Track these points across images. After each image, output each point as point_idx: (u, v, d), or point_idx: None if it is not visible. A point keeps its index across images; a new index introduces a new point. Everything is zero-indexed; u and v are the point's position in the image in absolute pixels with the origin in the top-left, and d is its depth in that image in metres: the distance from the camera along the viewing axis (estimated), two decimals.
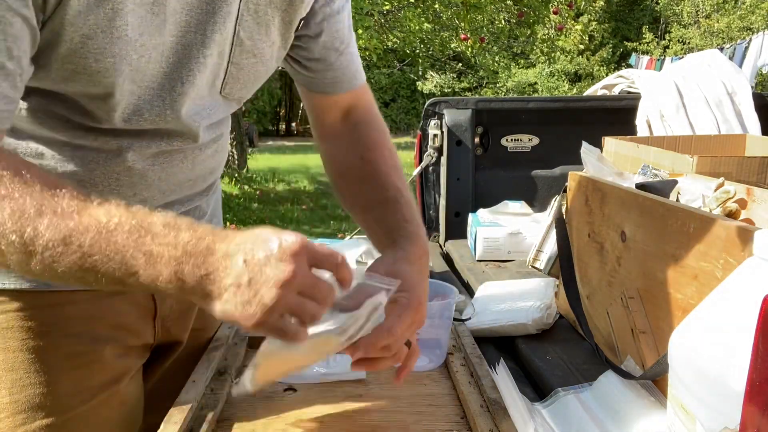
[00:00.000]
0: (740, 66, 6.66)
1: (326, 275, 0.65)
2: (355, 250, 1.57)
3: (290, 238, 0.61)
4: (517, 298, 1.32)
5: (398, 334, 0.74)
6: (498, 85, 16.97)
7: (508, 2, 7.15)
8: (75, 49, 0.67)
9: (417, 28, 7.21)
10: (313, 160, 11.62)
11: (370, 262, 1.54)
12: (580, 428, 0.89)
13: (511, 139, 2.36)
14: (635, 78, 2.66)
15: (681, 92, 2.37)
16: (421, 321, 0.80)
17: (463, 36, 6.93)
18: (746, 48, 7.17)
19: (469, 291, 1.70)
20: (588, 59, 15.89)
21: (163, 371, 1.03)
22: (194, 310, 1.03)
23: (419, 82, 17.20)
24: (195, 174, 0.90)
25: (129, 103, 0.75)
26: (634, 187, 1.11)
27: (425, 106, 2.34)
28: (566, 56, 15.24)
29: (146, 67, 0.72)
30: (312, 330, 0.64)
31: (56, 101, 0.74)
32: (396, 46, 7.69)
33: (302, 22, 0.87)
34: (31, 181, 0.61)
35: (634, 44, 14.90)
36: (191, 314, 1.03)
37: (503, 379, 0.93)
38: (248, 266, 0.60)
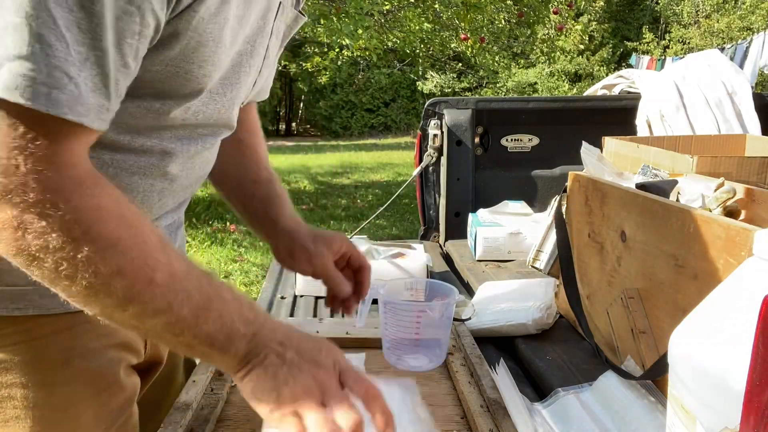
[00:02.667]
0: (741, 66, 6.66)
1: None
2: (366, 245, 1.57)
3: (333, 350, 0.67)
4: (517, 298, 1.32)
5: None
6: (498, 85, 16.96)
7: (508, 2, 7.14)
8: (186, 54, 0.65)
9: (417, 28, 7.21)
10: (313, 160, 11.62)
11: (370, 262, 1.54)
12: (579, 428, 0.89)
13: (511, 139, 2.37)
14: (635, 78, 2.66)
15: (681, 92, 2.38)
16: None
17: (463, 36, 6.92)
18: (747, 48, 7.17)
19: (469, 291, 1.70)
20: (588, 59, 15.88)
21: (145, 392, 0.99)
22: None
23: (419, 82, 17.19)
24: (198, 176, 0.89)
25: (206, 108, 0.75)
26: (634, 187, 1.11)
27: (425, 106, 2.34)
28: (566, 56, 15.23)
29: (226, 76, 0.74)
30: None
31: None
32: (396, 46, 7.68)
33: None
34: (142, 229, 0.60)
35: (634, 44, 14.89)
36: None
37: (503, 379, 0.93)
38: (292, 356, 0.65)
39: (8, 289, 0.71)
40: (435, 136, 2.29)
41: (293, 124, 20.49)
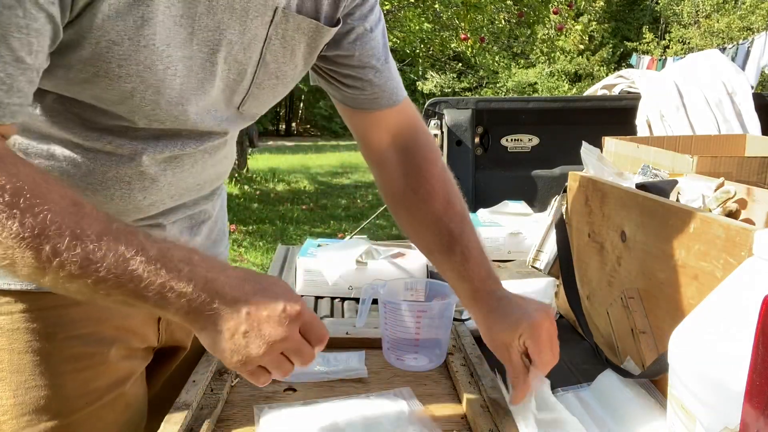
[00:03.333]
0: (743, 66, 6.66)
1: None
2: (355, 250, 1.57)
3: (294, 305, 0.67)
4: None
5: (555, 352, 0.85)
6: (498, 85, 16.96)
7: (508, 2, 7.14)
8: (100, 53, 0.66)
9: (417, 28, 7.21)
10: (313, 160, 11.62)
11: (369, 261, 1.54)
12: (577, 427, 0.89)
13: (511, 139, 2.37)
14: (635, 78, 2.66)
15: (681, 92, 2.38)
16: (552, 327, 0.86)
17: (463, 36, 6.92)
18: (749, 48, 7.17)
19: None
20: (588, 59, 15.88)
21: (168, 376, 1.03)
22: None
23: (419, 82, 17.20)
24: (203, 179, 0.91)
25: (149, 110, 0.75)
26: (634, 187, 1.11)
27: (425, 106, 2.34)
28: (566, 56, 15.24)
29: (172, 78, 0.73)
30: None
31: (73, 102, 0.73)
32: (396, 46, 7.68)
33: (332, 42, 0.89)
34: (52, 196, 0.60)
35: (634, 44, 14.90)
36: None
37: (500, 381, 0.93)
38: (249, 319, 0.65)
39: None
40: (435, 136, 2.29)
41: (293, 124, 20.49)
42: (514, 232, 1.86)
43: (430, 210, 0.95)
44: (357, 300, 1.47)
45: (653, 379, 0.95)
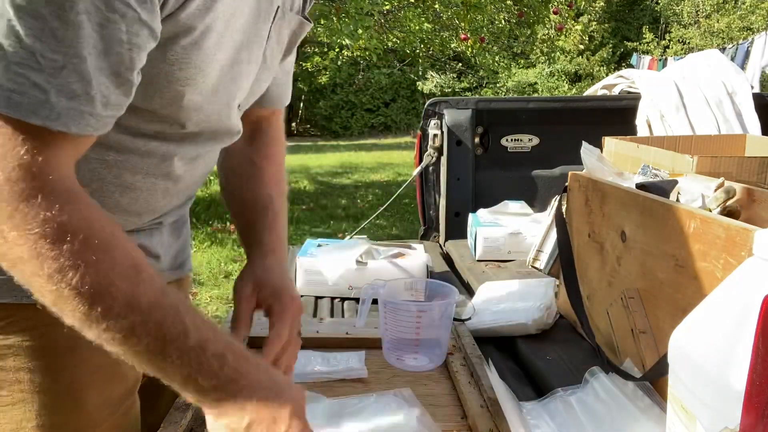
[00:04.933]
0: (743, 66, 6.66)
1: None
2: (355, 250, 1.58)
3: (297, 428, 0.68)
4: (517, 298, 1.32)
5: (285, 335, 0.85)
6: (498, 85, 16.95)
7: (508, 2, 7.14)
8: (166, 56, 0.67)
9: (417, 28, 7.20)
10: (313, 160, 11.62)
11: (369, 261, 1.54)
12: (577, 427, 0.89)
13: (511, 139, 2.36)
14: (635, 78, 2.66)
15: (681, 92, 2.38)
16: (298, 309, 0.89)
17: (463, 36, 6.92)
18: (749, 48, 7.17)
19: (469, 291, 1.70)
20: (588, 59, 15.87)
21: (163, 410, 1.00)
22: None
23: (419, 82, 17.19)
24: (202, 178, 0.92)
25: (192, 113, 0.76)
26: (634, 187, 1.11)
27: (425, 106, 2.34)
28: (566, 56, 15.23)
29: (218, 81, 0.75)
30: None
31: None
32: (396, 46, 7.68)
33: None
34: (116, 253, 0.61)
35: (635, 44, 14.88)
36: None
37: (494, 379, 0.93)
38: (248, 429, 0.67)
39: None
40: (435, 136, 2.29)
41: (293, 124, 20.49)
42: (514, 232, 1.86)
43: (257, 185, 0.99)
44: (357, 300, 1.48)
45: (653, 380, 0.95)
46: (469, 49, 7.41)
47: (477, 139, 2.33)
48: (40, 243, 0.56)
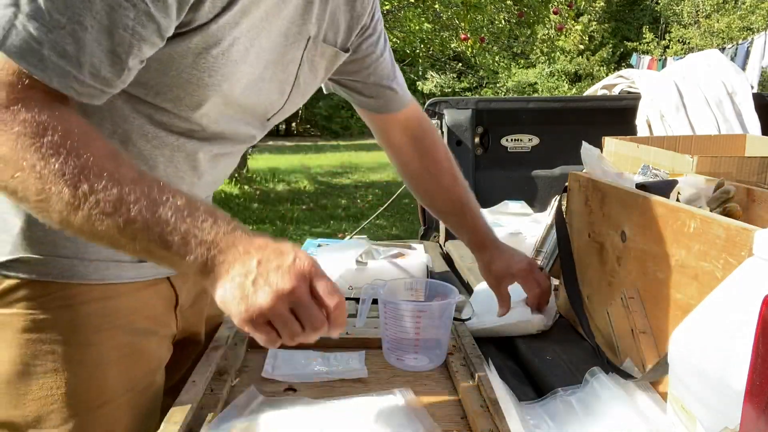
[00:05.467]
0: (743, 66, 6.65)
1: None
2: (356, 250, 1.58)
3: (304, 259, 0.68)
4: (516, 298, 1.32)
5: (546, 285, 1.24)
6: (498, 85, 16.96)
7: (508, 2, 7.14)
8: (197, 63, 0.76)
9: (417, 28, 7.21)
10: (314, 160, 11.62)
11: (369, 261, 1.54)
12: (578, 427, 0.89)
13: (511, 139, 2.36)
14: (635, 78, 2.66)
15: (681, 92, 2.38)
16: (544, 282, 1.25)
17: (463, 36, 6.92)
18: (749, 48, 7.17)
19: (469, 291, 1.70)
20: (588, 59, 15.88)
21: (182, 372, 1.07)
22: (205, 296, 1.08)
23: (419, 82, 17.20)
24: (222, 177, 1.02)
25: (217, 116, 0.86)
26: (634, 187, 1.11)
27: (425, 106, 2.34)
28: (566, 56, 15.24)
29: (241, 91, 0.85)
30: None
31: (145, 103, 0.80)
32: (396, 46, 7.68)
33: (352, 68, 1.08)
34: (96, 144, 0.66)
35: (634, 44, 14.89)
36: (204, 300, 1.10)
37: (494, 379, 0.93)
38: (258, 268, 0.66)
39: (58, 260, 0.82)
40: None
41: (293, 124, 20.48)
42: (514, 232, 1.85)
43: (441, 184, 1.24)
44: (357, 300, 1.47)
45: (654, 381, 0.95)
46: (469, 49, 7.41)
47: (477, 139, 2.33)
48: (21, 139, 0.63)
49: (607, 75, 9.47)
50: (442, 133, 2.28)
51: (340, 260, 1.54)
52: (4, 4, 0.62)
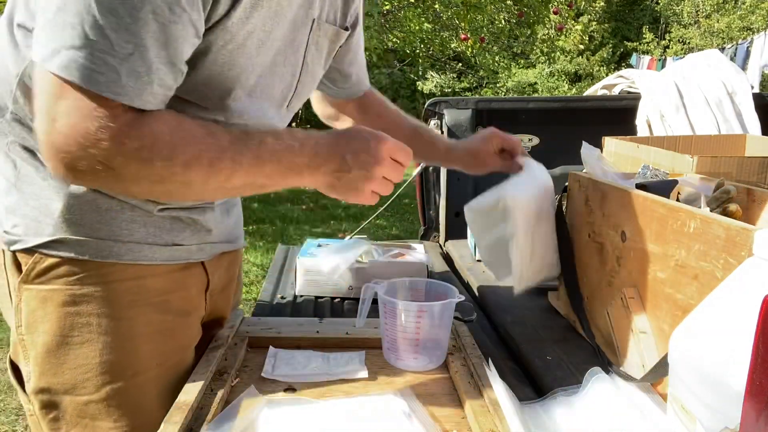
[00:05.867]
0: (743, 66, 6.65)
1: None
2: (355, 250, 1.57)
3: (378, 139, 0.88)
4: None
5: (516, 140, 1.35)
6: (498, 85, 16.94)
7: (508, 2, 7.13)
8: (216, 59, 0.82)
9: (417, 28, 7.20)
10: None
11: (369, 261, 1.54)
12: (578, 427, 0.89)
13: None
14: (635, 78, 2.66)
15: (681, 92, 2.37)
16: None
17: (463, 36, 6.92)
18: (748, 48, 7.16)
19: (469, 291, 1.70)
20: (588, 59, 15.86)
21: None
22: (233, 280, 1.16)
23: (419, 82, 17.18)
24: None
25: (238, 105, 0.90)
26: (634, 187, 1.11)
27: (425, 106, 2.34)
28: (566, 56, 15.23)
29: (251, 79, 0.89)
30: None
31: (176, 100, 0.85)
32: (396, 46, 7.68)
33: (339, 51, 1.10)
34: (189, 129, 0.78)
35: (634, 44, 14.88)
36: (232, 287, 1.16)
37: (494, 379, 0.93)
38: (352, 161, 0.86)
39: (94, 241, 0.89)
40: None
41: (293, 124, 20.47)
42: None
43: (390, 120, 1.32)
44: (357, 300, 1.48)
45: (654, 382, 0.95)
46: (469, 49, 7.41)
47: None
48: (155, 165, 0.75)
49: (607, 75, 9.47)
50: (442, 133, 2.28)
51: (340, 260, 1.54)
52: (77, 45, 0.69)
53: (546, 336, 1.26)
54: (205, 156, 0.77)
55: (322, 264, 1.55)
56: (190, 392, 0.88)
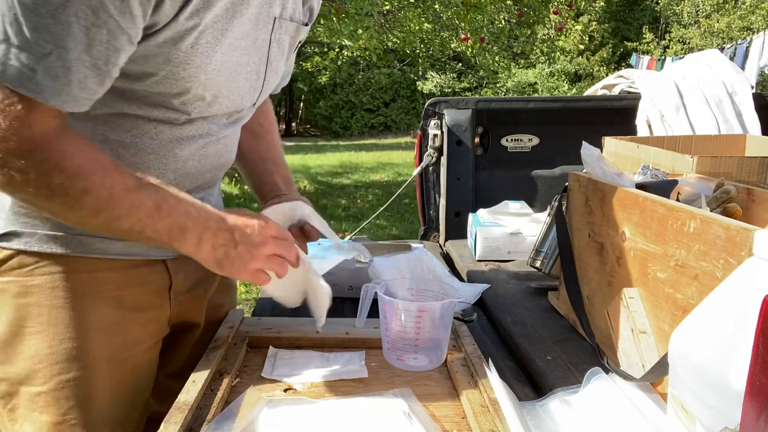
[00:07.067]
0: (742, 66, 6.65)
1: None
2: (353, 251, 1.57)
3: (264, 221, 0.89)
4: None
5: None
6: (498, 85, 16.96)
7: (508, 2, 7.13)
8: (170, 58, 0.83)
9: (417, 28, 7.20)
10: (313, 160, 11.62)
11: (369, 261, 1.54)
12: (578, 427, 0.89)
13: (511, 139, 2.37)
14: (635, 78, 2.66)
15: (681, 92, 2.38)
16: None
17: (463, 36, 6.92)
18: (748, 48, 7.17)
19: None
20: (588, 59, 15.88)
21: (184, 356, 1.13)
22: (205, 284, 1.13)
23: (419, 82, 17.20)
24: (214, 166, 1.04)
25: (198, 104, 0.91)
26: (634, 187, 1.11)
27: (425, 106, 2.34)
28: (566, 56, 15.24)
29: (217, 78, 0.89)
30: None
31: (129, 102, 0.88)
32: (396, 46, 7.68)
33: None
34: (98, 159, 0.79)
35: (634, 44, 14.89)
36: (202, 289, 1.13)
37: (494, 379, 0.93)
38: (239, 236, 0.87)
39: (45, 234, 0.91)
40: (435, 136, 2.29)
41: (293, 124, 20.48)
42: (514, 232, 1.86)
43: (270, 141, 1.24)
44: (357, 300, 1.48)
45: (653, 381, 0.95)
46: (469, 49, 7.41)
47: (477, 139, 2.33)
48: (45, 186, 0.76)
49: (607, 75, 9.47)
50: (442, 133, 2.28)
51: (340, 260, 1.54)
52: None
53: (546, 336, 1.26)
54: (106, 188, 0.78)
55: (322, 264, 1.55)
56: (190, 392, 0.88)
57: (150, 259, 1.00)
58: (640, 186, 1.11)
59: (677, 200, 1.15)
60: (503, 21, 7.95)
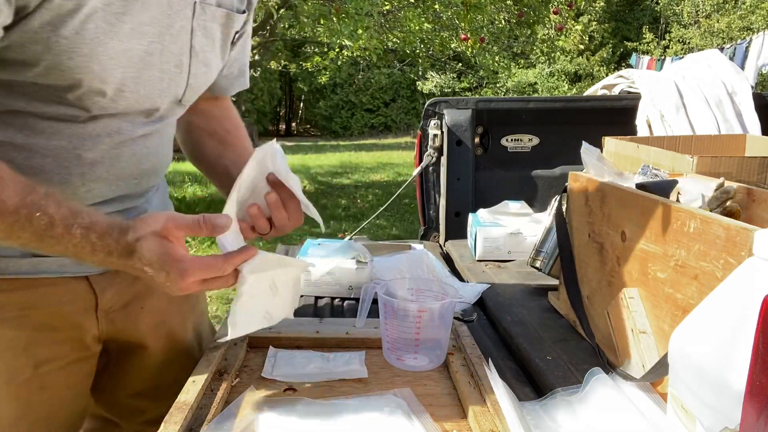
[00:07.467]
0: (741, 66, 6.65)
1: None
2: (355, 251, 1.57)
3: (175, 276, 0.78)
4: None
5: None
6: (498, 85, 16.96)
7: (508, 2, 7.14)
8: (51, 47, 0.75)
9: (417, 28, 7.21)
10: (313, 160, 11.61)
11: (369, 261, 1.54)
12: (578, 427, 0.89)
13: (511, 139, 2.37)
14: (635, 78, 2.66)
15: (681, 92, 2.38)
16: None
17: (463, 36, 6.92)
18: (747, 48, 7.17)
19: None
20: (588, 59, 15.88)
21: (147, 376, 1.07)
22: (141, 301, 1.05)
23: (419, 82, 17.20)
24: (139, 171, 0.95)
25: (95, 97, 0.82)
26: (634, 187, 1.11)
27: (425, 106, 2.34)
28: (566, 56, 15.25)
29: (116, 70, 0.81)
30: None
31: (17, 97, 0.80)
32: (396, 46, 7.69)
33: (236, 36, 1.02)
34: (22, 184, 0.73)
35: (634, 44, 14.90)
36: (138, 306, 1.04)
37: (494, 379, 0.93)
38: (150, 280, 0.78)
39: None
40: (435, 136, 2.29)
41: (293, 124, 20.49)
42: (514, 232, 1.86)
43: (239, 147, 1.13)
44: (357, 300, 1.47)
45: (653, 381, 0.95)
46: (469, 49, 7.41)
47: (477, 139, 2.33)
48: None
49: (607, 75, 9.46)
50: (442, 133, 2.28)
51: (340, 260, 1.54)
52: None
53: (546, 336, 1.26)
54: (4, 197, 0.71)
55: (322, 264, 1.55)
56: (190, 392, 0.88)
57: (68, 277, 0.93)
58: (640, 186, 1.11)
59: (677, 200, 1.15)
60: (503, 21, 7.95)
